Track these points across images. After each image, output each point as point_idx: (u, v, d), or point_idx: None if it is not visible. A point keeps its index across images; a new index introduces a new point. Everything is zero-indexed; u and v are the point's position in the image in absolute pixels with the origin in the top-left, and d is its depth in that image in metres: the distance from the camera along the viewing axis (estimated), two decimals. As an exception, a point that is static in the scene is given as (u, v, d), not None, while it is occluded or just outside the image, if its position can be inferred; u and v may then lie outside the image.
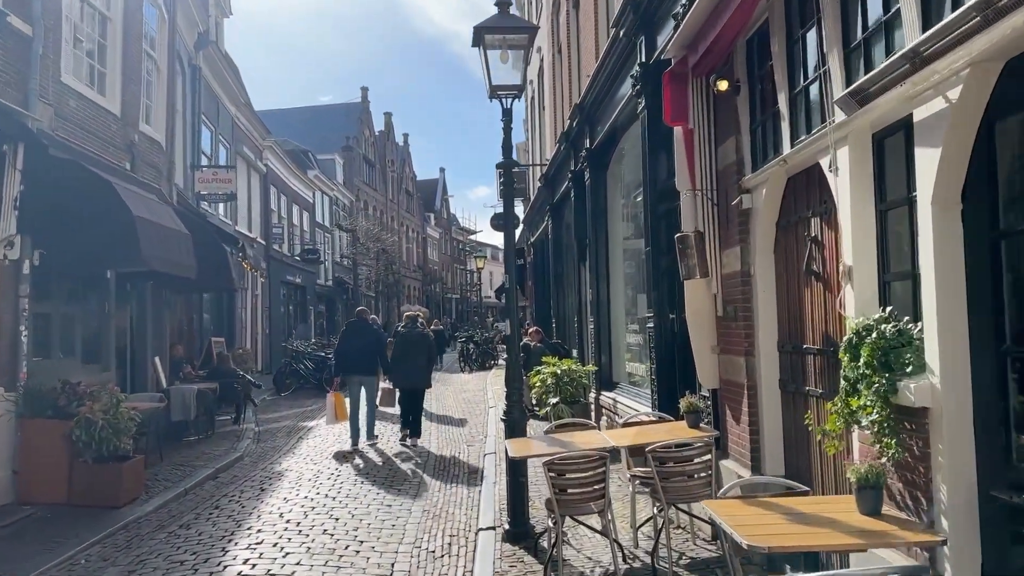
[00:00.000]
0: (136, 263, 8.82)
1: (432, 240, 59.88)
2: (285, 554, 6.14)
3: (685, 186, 5.83)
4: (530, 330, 14.11)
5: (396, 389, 11.27)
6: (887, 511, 3.24)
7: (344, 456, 10.27)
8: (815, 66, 4.36)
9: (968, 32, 2.79)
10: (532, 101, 21.62)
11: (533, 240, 22.17)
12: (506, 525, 6.20)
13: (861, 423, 3.44)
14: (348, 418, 10.76)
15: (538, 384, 10.73)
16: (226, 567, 5.87)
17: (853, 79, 3.79)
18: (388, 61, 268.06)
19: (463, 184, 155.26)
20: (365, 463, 9.89)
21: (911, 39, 3.19)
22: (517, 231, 22.14)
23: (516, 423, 6.18)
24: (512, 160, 6.31)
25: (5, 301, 7.83)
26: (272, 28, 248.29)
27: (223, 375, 13.25)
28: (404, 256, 49.52)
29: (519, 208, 23.91)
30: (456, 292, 66.93)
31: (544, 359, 11.10)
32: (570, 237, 14.23)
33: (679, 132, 5.94)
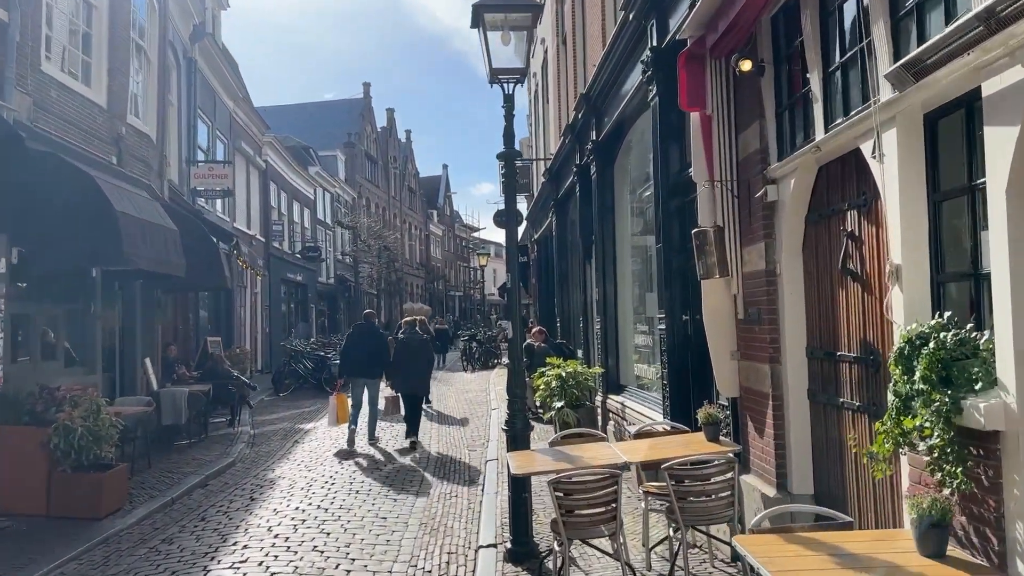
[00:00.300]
0: (119, 261, 8.39)
1: (435, 237, 59.36)
2: (270, 574, 5.74)
3: (703, 177, 5.36)
4: (533, 330, 13.62)
5: (398, 395, 11.33)
6: (950, 551, 2.77)
7: (347, 454, 10.29)
8: (854, 40, 3.88)
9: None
10: (535, 95, 21.14)
11: (537, 237, 21.67)
12: (508, 544, 5.76)
13: (917, 447, 2.97)
14: (349, 420, 10.79)
15: (542, 387, 10.30)
16: (206, 590, 5.48)
17: (904, 52, 3.32)
18: (391, 58, 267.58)
19: (466, 181, 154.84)
20: (361, 469, 9.47)
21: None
22: (521, 228, 21.69)
23: (519, 434, 5.71)
24: (514, 150, 5.83)
25: (-21, 302, 7.44)
26: (275, 25, 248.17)
27: (216, 376, 12.83)
28: (407, 253, 49.05)
29: (522, 205, 23.44)
30: (459, 290, 66.41)
31: (548, 360, 10.65)
32: (575, 234, 13.76)
33: (695, 119, 5.46)
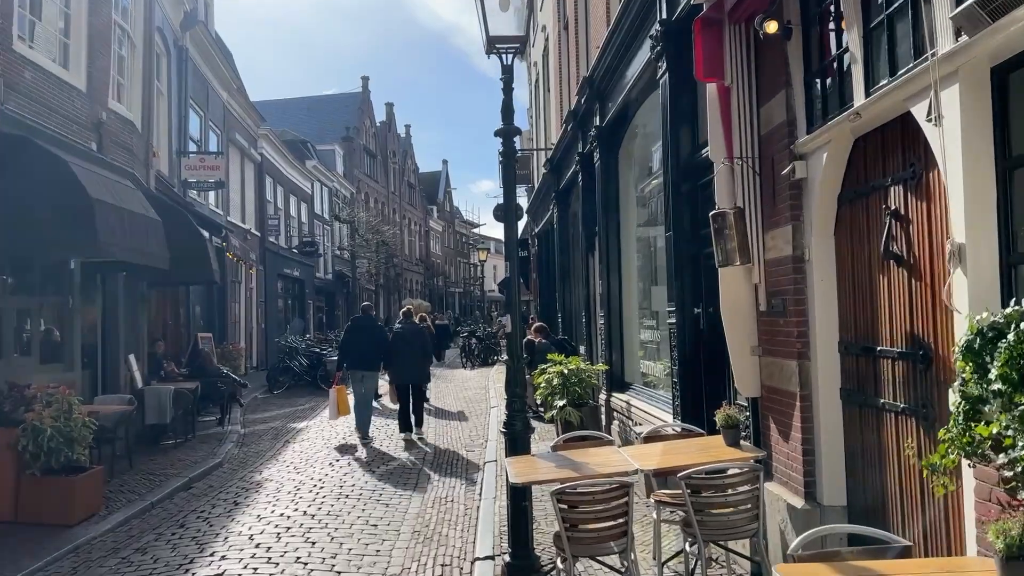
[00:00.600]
0: (95, 251, 7.91)
1: (435, 233, 58.79)
2: (247, 590, 5.28)
3: (720, 155, 4.86)
4: (534, 326, 13.11)
5: (395, 386, 11.11)
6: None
7: (352, 449, 10.37)
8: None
9: None
10: (535, 85, 20.62)
11: (537, 231, 21.16)
12: (507, 556, 5.27)
13: (995, 459, 2.49)
14: (351, 412, 10.91)
15: (543, 384, 9.80)
16: (175, 608, 5.01)
17: (968, -7, 2.82)
18: (391, 55, 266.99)
19: (466, 178, 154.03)
20: (353, 470, 9.00)
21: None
22: (521, 223, 21.16)
23: (519, 437, 5.21)
24: (513, 125, 5.33)
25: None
26: (274, 21, 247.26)
27: (204, 373, 12.34)
28: (406, 249, 48.51)
29: (522, 199, 22.92)
30: (459, 286, 65.86)
31: (549, 357, 10.16)
32: (577, 226, 13.26)
33: (712, 91, 4.97)
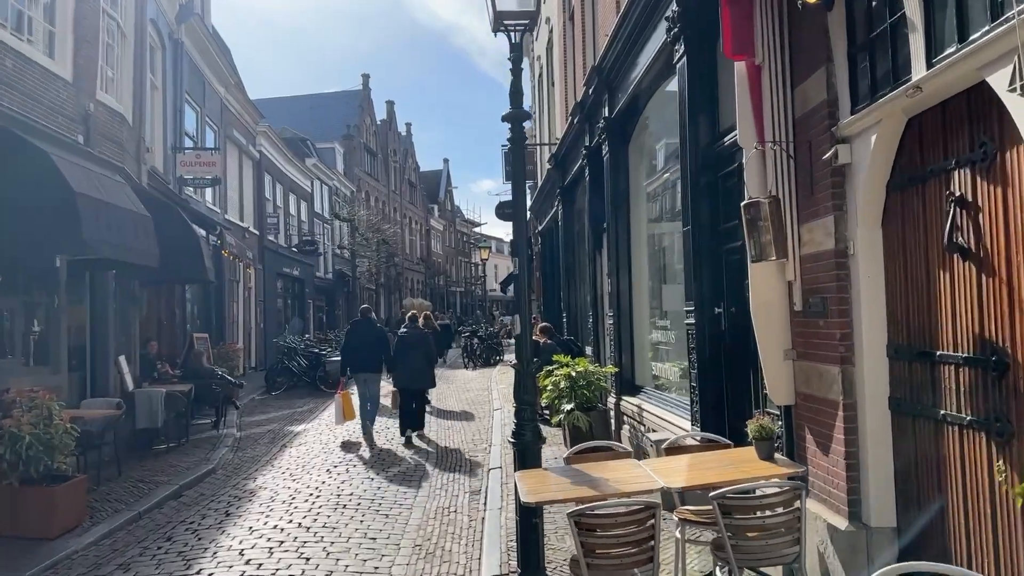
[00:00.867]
0: (79, 247, 7.50)
1: (436, 232, 58.36)
2: (234, 614, 4.87)
3: (751, 141, 4.44)
4: (538, 326, 12.67)
5: (397, 390, 10.98)
6: None
7: (367, 444, 10.49)
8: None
9: None
10: (539, 80, 20.19)
11: (541, 229, 20.72)
12: (516, 577, 4.87)
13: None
14: (356, 417, 10.83)
15: (550, 387, 9.39)
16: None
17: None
18: (392, 55, 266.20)
19: (468, 178, 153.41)
20: (351, 477, 8.58)
21: None
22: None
23: (528, 448, 4.79)
24: (522, 110, 4.92)
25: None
26: (274, 20, 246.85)
27: (198, 375, 11.92)
28: (407, 248, 48.10)
29: (526, 195, 22.49)
30: (460, 285, 65.42)
31: (555, 358, 9.75)
32: (583, 222, 12.85)
33: (741, 70, 4.55)
